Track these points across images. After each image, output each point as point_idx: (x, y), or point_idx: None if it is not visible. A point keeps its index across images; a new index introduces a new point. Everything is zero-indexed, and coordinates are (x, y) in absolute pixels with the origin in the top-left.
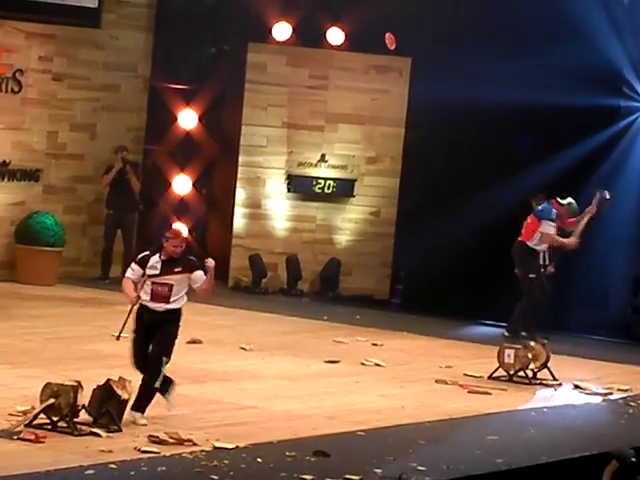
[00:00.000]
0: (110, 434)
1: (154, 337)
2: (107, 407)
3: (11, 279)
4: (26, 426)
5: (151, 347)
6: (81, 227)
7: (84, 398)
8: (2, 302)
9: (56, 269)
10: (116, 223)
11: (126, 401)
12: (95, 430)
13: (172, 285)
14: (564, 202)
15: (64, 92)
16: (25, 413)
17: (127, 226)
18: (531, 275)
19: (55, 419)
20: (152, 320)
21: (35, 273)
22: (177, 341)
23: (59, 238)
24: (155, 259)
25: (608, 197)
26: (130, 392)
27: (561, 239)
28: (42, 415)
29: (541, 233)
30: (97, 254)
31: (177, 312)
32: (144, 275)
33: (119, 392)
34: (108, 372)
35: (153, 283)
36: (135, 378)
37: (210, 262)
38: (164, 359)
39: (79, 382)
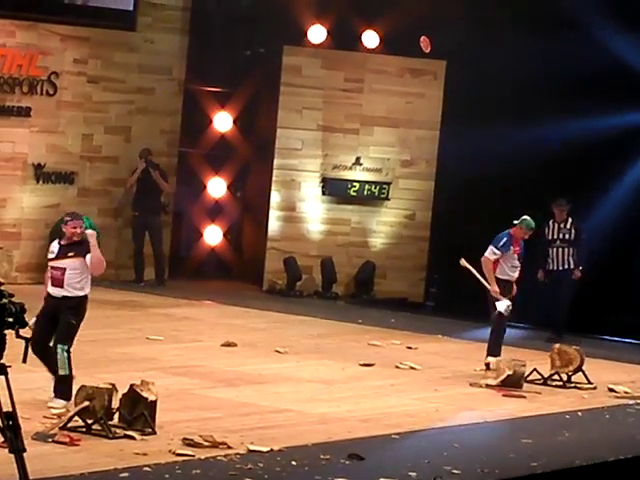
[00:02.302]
0: (145, 437)
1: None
2: (139, 411)
3: (42, 282)
4: (61, 429)
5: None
6: (116, 230)
7: (118, 401)
8: (37, 305)
9: None
10: (143, 225)
11: (154, 402)
12: (130, 433)
13: (65, 269)
14: (517, 222)
15: (99, 95)
16: (59, 416)
17: (154, 228)
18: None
19: (90, 422)
20: (54, 306)
21: None
22: (207, 344)
23: None
24: (54, 244)
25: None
26: (156, 393)
27: (491, 276)
28: (76, 418)
29: (484, 256)
30: (131, 257)
31: (75, 300)
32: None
33: (145, 394)
34: (142, 375)
35: (51, 267)
36: (160, 380)
37: (90, 232)
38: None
39: (114, 385)
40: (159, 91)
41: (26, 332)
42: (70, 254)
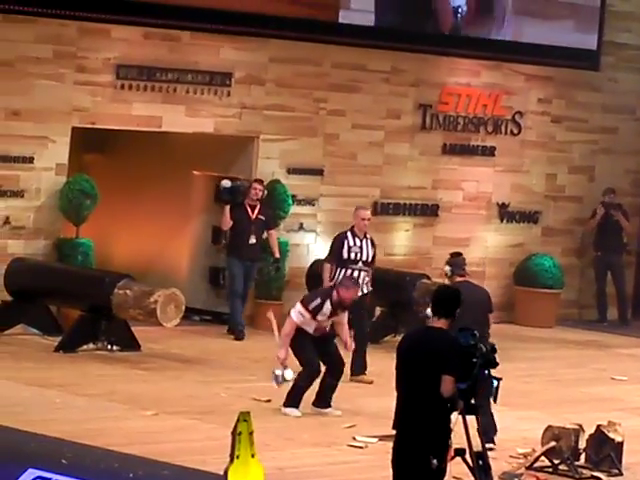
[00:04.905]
0: (611, 478)
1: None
2: (605, 452)
3: (510, 321)
4: (527, 468)
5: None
6: (579, 269)
7: (584, 442)
8: (502, 344)
9: (555, 311)
10: (605, 265)
11: (621, 443)
12: (596, 474)
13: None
14: None
15: (562, 134)
16: (525, 456)
17: (616, 268)
18: None
19: (556, 462)
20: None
21: (534, 315)
22: None
23: (557, 280)
24: (327, 306)
25: None
26: (623, 434)
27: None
28: (543, 458)
29: None
30: (594, 296)
31: None
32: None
33: (612, 435)
34: (607, 415)
35: (318, 322)
36: (626, 421)
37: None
38: None
39: (580, 425)
40: (623, 131)
41: (496, 372)
42: (338, 312)
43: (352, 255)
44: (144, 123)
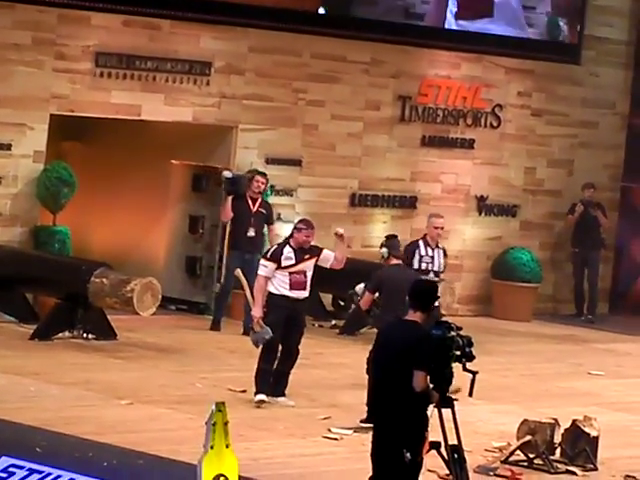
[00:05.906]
0: (586, 473)
1: (293, 326)
2: (581, 447)
3: (487, 314)
4: (502, 462)
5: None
6: (557, 264)
7: (560, 436)
8: (478, 337)
9: (532, 305)
10: (582, 261)
11: (596, 438)
12: (571, 468)
13: (306, 272)
14: None
15: (542, 128)
16: (501, 449)
17: (591, 263)
18: None
19: (531, 456)
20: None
21: (511, 309)
22: None
23: (535, 274)
24: (288, 250)
25: None
26: (598, 429)
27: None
28: (518, 452)
29: None
30: (572, 291)
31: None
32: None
33: (587, 430)
34: (584, 410)
35: (291, 273)
36: (602, 416)
37: (339, 230)
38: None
39: (556, 420)
40: (602, 125)
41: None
42: (306, 257)
43: (423, 265)
44: (123, 111)
